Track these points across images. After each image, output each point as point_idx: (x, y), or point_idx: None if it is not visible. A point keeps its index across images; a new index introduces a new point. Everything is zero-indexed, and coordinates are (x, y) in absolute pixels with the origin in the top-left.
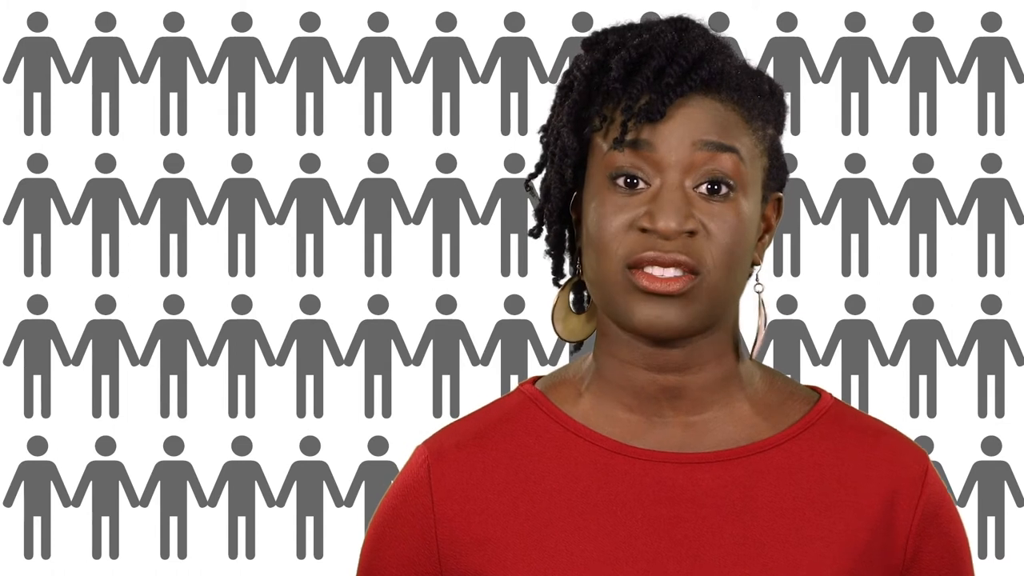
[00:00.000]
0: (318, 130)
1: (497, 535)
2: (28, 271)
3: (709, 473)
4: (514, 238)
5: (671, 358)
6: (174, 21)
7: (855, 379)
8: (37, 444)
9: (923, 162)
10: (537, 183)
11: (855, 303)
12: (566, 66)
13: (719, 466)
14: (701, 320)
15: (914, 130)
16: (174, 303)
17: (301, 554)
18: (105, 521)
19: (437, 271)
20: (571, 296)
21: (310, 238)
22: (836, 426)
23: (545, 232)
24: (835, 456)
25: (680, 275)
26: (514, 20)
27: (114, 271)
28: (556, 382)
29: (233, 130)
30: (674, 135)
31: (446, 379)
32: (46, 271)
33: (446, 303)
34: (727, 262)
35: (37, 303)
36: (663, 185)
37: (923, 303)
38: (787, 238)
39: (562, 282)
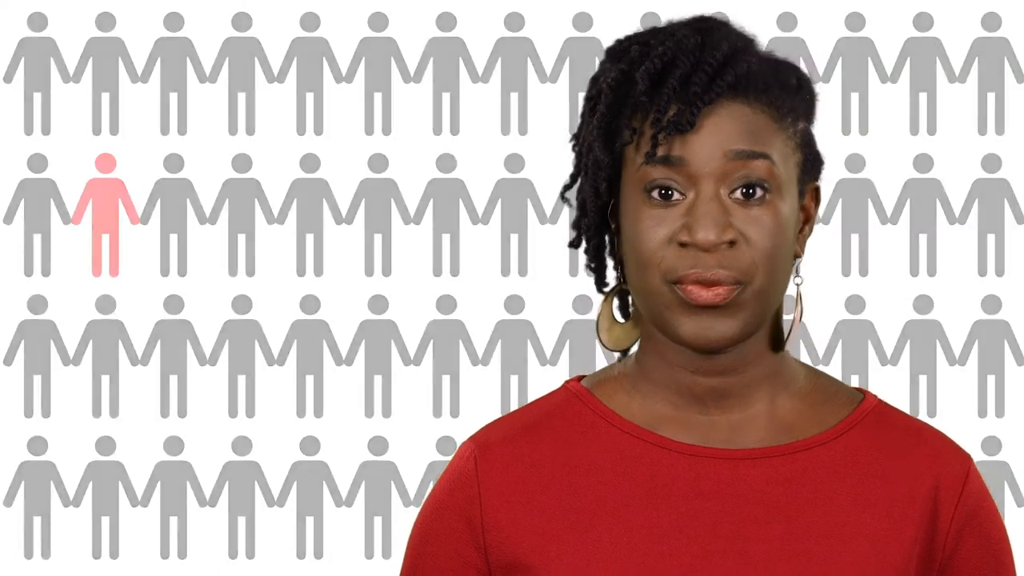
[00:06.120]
0: (318, 130)
1: (542, 528)
2: (28, 271)
3: (754, 469)
4: (514, 238)
5: (718, 362)
6: (174, 21)
7: (855, 379)
8: (37, 444)
9: (923, 162)
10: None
11: (855, 303)
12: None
13: (764, 462)
14: (750, 327)
15: (914, 130)
16: (174, 303)
17: (301, 554)
18: (105, 521)
19: (437, 271)
20: (616, 302)
21: (310, 238)
22: (880, 426)
23: (584, 245)
24: (878, 455)
25: (724, 286)
26: (514, 20)
27: (114, 271)
28: (602, 379)
29: (233, 130)
30: (705, 146)
31: (446, 379)
32: (46, 271)
33: (446, 303)
34: (770, 266)
35: (37, 303)
36: (698, 196)
37: (923, 303)
38: None
39: (606, 290)
